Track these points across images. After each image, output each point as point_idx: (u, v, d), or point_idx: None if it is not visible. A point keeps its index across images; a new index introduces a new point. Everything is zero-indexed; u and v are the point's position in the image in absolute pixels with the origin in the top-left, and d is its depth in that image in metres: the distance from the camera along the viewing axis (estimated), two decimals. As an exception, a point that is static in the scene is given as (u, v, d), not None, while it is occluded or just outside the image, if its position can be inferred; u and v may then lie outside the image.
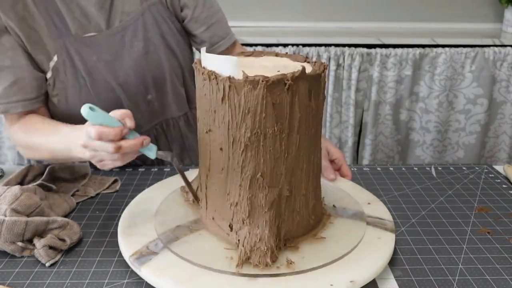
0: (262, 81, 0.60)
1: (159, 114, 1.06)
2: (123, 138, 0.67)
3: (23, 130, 0.92)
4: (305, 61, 0.72)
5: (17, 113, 0.92)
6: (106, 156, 0.69)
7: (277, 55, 0.76)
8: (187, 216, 0.75)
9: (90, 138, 0.68)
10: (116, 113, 0.69)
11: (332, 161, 0.93)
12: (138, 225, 0.73)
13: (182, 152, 1.12)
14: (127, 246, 0.68)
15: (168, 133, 1.09)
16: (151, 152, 0.69)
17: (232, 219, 0.68)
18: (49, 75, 0.93)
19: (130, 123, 0.69)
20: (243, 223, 0.66)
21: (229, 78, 0.61)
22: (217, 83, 0.62)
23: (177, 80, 1.05)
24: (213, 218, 0.70)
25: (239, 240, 0.66)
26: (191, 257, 0.65)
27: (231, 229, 0.68)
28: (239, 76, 0.61)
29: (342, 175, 0.93)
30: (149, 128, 1.05)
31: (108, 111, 1.02)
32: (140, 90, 1.00)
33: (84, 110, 0.66)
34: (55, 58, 0.92)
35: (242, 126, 0.63)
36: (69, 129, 0.81)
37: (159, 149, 0.70)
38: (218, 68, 0.63)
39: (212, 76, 0.62)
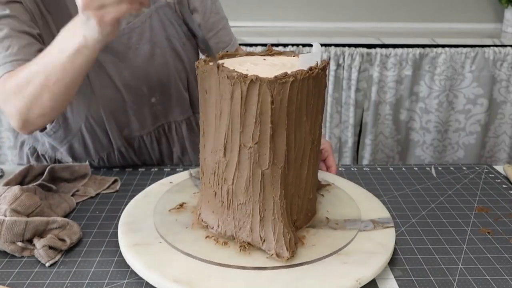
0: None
1: (162, 117, 1.06)
2: None
3: (13, 73, 0.81)
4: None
5: None
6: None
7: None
8: None
9: None
10: None
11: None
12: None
13: (182, 154, 1.12)
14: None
15: (170, 135, 1.09)
16: None
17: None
18: None
19: None
20: None
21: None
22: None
23: (182, 84, 1.04)
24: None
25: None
26: None
27: None
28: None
29: (327, 166, 0.93)
30: (151, 130, 1.05)
31: (112, 111, 1.02)
32: (144, 92, 1.00)
33: None
34: None
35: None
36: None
37: (160, 151, 0.68)
38: (310, 63, 0.64)
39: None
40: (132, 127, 1.03)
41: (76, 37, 0.71)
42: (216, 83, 0.64)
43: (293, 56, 0.75)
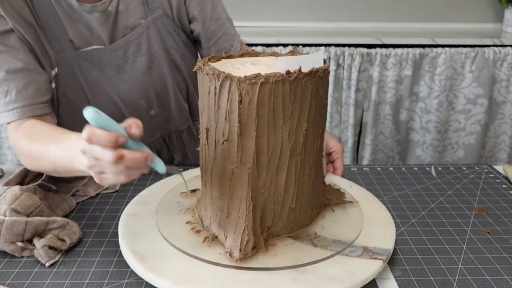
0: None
1: (162, 128, 1.05)
2: (126, 148, 0.59)
3: (27, 136, 0.83)
4: None
5: (25, 118, 0.86)
6: (107, 168, 0.60)
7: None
8: None
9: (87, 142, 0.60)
10: (125, 122, 0.62)
11: (329, 154, 0.94)
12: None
13: (183, 159, 1.12)
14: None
15: (171, 145, 1.08)
16: (160, 166, 0.63)
17: None
18: (53, 85, 0.91)
19: (135, 131, 0.60)
20: None
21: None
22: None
23: (181, 95, 1.03)
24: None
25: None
26: None
27: None
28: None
29: (334, 168, 0.93)
30: (152, 141, 1.05)
31: None
32: (142, 105, 0.99)
33: (88, 112, 0.58)
34: (56, 69, 0.90)
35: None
36: (76, 136, 0.71)
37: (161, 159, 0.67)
38: (306, 66, 0.63)
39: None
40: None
41: (76, 160, 0.68)
42: (201, 79, 0.67)
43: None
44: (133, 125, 0.61)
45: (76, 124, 0.96)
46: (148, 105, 0.99)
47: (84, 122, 0.94)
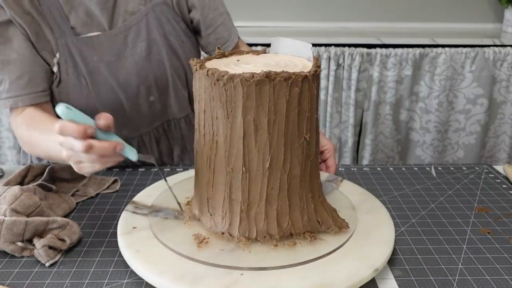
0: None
1: (161, 116, 1.06)
2: (98, 138, 0.64)
3: (25, 124, 0.91)
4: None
5: (24, 106, 0.92)
6: (83, 157, 0.66)
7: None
8: None
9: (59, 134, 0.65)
10: (99, 116, 0.66)
11: (321, 152, 0.94)
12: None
13: (182, 153, 1.12)
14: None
15: (169, 134, 1.09)
16: (132, 154, 0.67)
17: None
18: (55, 69, 0.94)
19: (102, 122, 0.65)
20: None
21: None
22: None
23: (180, 82, 1.04)
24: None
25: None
26: None
27: None
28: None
29: (326, 167, 0.94)
30: (151, 129, 1.05)
31: (110, 111, 1.02)
32: (141, 91, 1.00)
33: (59, 108, 0.63)
34: (57, 55, 0.93)
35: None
36: None
37: (160, 151, 0.68)
38: (294, 53, 0.70)
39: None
40: (131, 127, 1.03)
41: (57, 152, 0.72)
42: (268, 91, 0.63)
43: (246, 53, 0.80)
44: (102, 117, 0.65)
45: (75, 107, 0.97)
46: (147, 91, 1.01)
47: (83, 105, 0.96)
